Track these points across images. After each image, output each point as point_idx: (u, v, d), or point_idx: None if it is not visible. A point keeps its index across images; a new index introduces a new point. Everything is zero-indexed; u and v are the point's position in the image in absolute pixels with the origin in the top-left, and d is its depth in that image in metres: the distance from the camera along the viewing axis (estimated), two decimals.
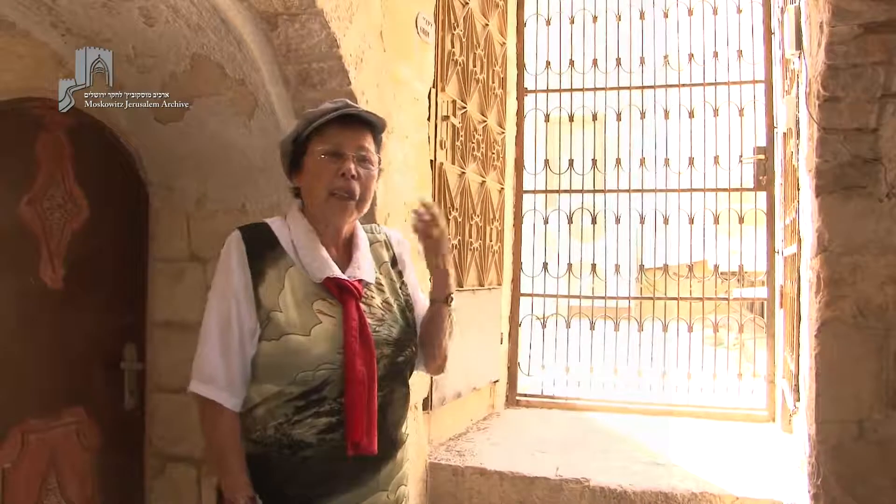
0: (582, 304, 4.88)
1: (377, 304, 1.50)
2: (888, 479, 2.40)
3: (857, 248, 2.48)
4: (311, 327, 1.38)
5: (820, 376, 2.52)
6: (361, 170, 1.46)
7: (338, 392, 1.37)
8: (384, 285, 1.55)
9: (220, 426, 1.40)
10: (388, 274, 1.58)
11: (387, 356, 1.45)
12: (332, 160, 1.44)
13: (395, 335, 1.49)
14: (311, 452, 1.37)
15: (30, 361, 2.31)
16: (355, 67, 2.49)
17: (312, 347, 1.36)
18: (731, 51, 4.45)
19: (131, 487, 2.74)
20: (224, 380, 1.39)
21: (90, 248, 2.50)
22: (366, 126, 1.50)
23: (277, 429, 1.37)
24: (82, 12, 2.21)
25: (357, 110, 1.48)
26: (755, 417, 4.17)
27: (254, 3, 2.26)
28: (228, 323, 1.38)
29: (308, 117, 1.49)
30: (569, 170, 4.76)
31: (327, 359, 1.37)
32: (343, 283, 1.43)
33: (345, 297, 1.42)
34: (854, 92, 2.39)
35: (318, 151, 1.45)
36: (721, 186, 4.52)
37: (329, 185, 1.43)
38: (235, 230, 1.45)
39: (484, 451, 3.43)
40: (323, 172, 1.44)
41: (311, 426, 1.36)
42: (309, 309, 1.40)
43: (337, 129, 1.46)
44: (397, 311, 1.54)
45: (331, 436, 1.37)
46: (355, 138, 1.47)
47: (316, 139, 1.46)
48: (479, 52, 3.82)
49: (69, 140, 2.43)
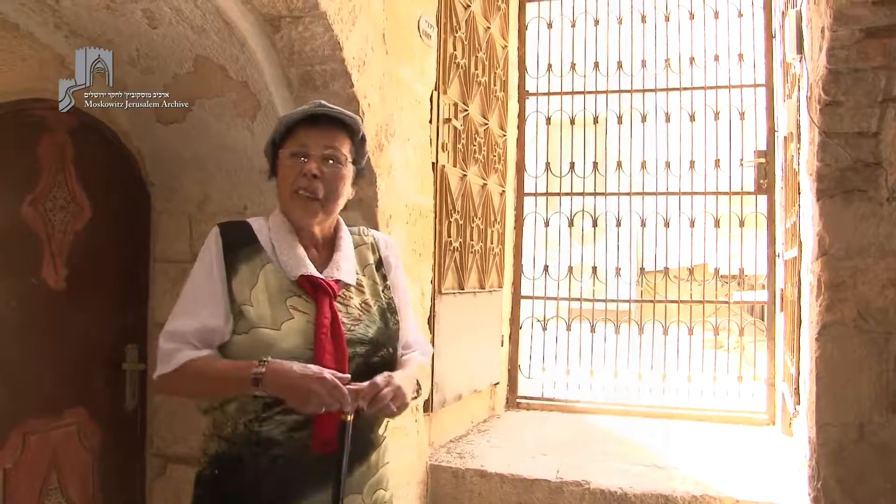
0: (582, 306, 4.89)
1: (355, 305, 1.49)
2: (888, 483, 2.41)
3: (858, 251, 2.48)
4: (281, 322, 1.38)
5: (820, 379, 2.53)
6: (326, 169, 1.46)
7: None
8: (365, 287, 1.54)
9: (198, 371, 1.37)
10: (372, 276, 1.58)
11: (360, 355, 1.44)
12: (296, 160, 1.46)
13: (370, 335, 1.48)
14: (280, 451, 1.35)
15: (31, 362, 2.31)
16: (358, 70, 2.50)
17: (281, 342, 1.36)
18: (732, 54, 4.46)
19: (132, 488, 2.74)
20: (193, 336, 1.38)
21: (92, 249, 2.50)
22: (337, 125, 1.50)
23: (247, 426, 1.37)
24: (86, 14, 2.21)
25: (325, 109, 1.48)
26: (755, 420, 4.18)
27: (257, 5, 2.27)
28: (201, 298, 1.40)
29: (282, 120, 1.51)
30: (570, 172, 4.76)
31: (296, 354, 1.35)
32: (317, 281, 1.44)
33: (318, 294, 1.43)
34: (855, 96, 2.39)
35: (285, 153, 1.48)
36: (722, 190, 4.52)
37: (292, 185, 1.45)
38: (215, 226, 1.47)
39: (484, 452, 3.43)
40: (288, 172, 1.46)
41: (279, 423, 1.35)
42: (282, 305, 1.40)
43: (305, 129, 1.48)
44: (376, 312, 1.53)
45: (299, 434, 1.36)
46: (322, 137, 1.47)
47: (286, 142, 1.49)
48: (480, 55, 3.83)
49: (72, 141, 2.43)
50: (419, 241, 3.09)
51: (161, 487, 2.79)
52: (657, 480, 3.04)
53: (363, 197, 2.64)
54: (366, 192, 2.64)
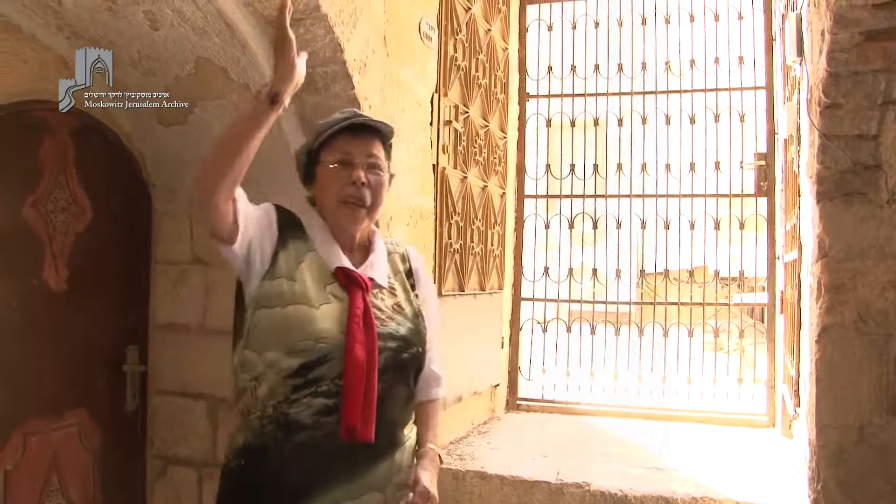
0: (583, 308, 4.88)
1: (388, 305, 1.54)
2: (888, 485, 2.41)
3: (858, 254, 2.48)
4: (320, 304, 1.43)
5: (820, 381, 2.53)
6: (371, 176, 1.51)
7: (337, 373, 1.39)
8: (397, 290, 1.59)
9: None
10: (403, 283, 1.62)
11: (390, 349, 1.47)
12: (341, 169, 1.50)
13: (402, 332, 1.52)
14: (305, 437, 1.37)
15: (32, 363, 2.32)
16: (359, 72, 2.50)
17: (318, 320, 1.40)
18: (732, 57, 4.46)
19: (132, 489, 2.74)
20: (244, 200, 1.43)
21: (93, 251, 2.51)
22: (374, 134, 1.55)
23: (276, 408, 1.38)
24: (88, 16, 2.22)
25: (365, 119, 1.53)
26: (755, 422, 4.17)
27: (258, 7, 2.27)
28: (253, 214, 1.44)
29: (318, 129, 1.54)
30: (570, 175, 4.76)
31: (329, 334, 1.39)
32: (351, 274, 1.49)
33: (352, 287, 1.47)
34: (855, 99, 2.40)
35: (329, 161, 1.51)
36: (722, 192, 4.52)
37: (339, 194, 1.50)
38: (267, 202, 1.52)
39: (485, 454, 3.43)
40: (333, 181, 1.50)
41: (307, 406, 1.38)
42: (322, 288, 1.45)
43: (346, 138, 1.52)
44: (409, 313, 1.57)
45: (326, 419, 1.38)
46: (364, 146, 1.52)
47: (326, 149, 1.53)
48: (481, 57, 3.83)
49: (73, 143, 2.44)
50: (420, 243, 3.09)
51: (161, 488, 2.79)
52: (657, 482, 3.04)
53: None
54: None
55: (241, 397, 1.46)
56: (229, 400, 2.74)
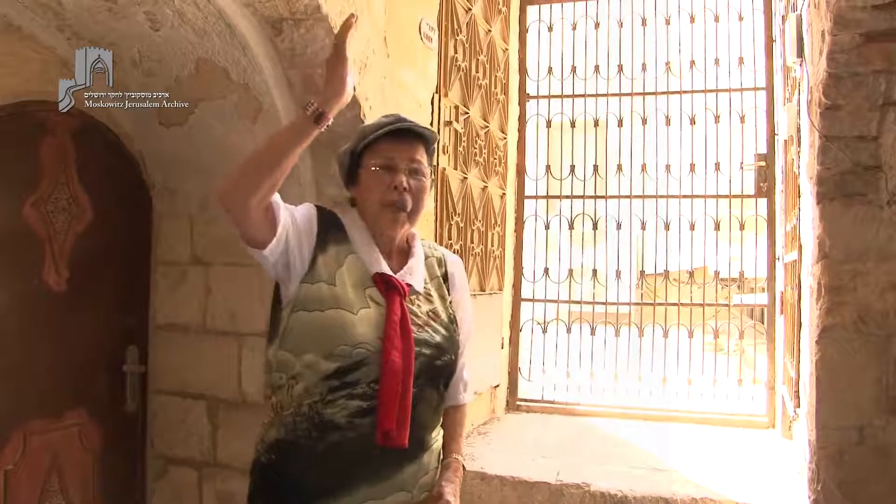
0: (583, 309, 4.88)
1: (423, 312, 1.55)
2: (888, 486, 2.41)
3: (858, 255, 2.49)
4: (359, 308, 1.43)
5: (820, 382, 2.53)
6: (413, 181, 1.52)
7: (373, 377, 1.39)
8: (433, 297, 1.60)
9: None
10: (439, 288, 1.63)
11: (425, 355, 1.48)
12: (384, 173, 1.51)
13: (437, 340, 1.52)
14: (338, 437, 1.38)
15: (32, 363, 2.32)
16: (359, 73, 2.50)
17: (357, 325, 1.41)
18: (732, 58, 4.46)
19: (133, 490, 2.74)
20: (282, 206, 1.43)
21: (93, 251, 2.51)
22: (417, 138, 1.56)
23: (311, 407, 1.39)
24: (88, 16, 2.22)
25: (410, 124, 1.53)
26: (755, 423, 4.17)
27: (259, 8, 2.28)
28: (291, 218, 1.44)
29: (363, 132, 1.55)
30: (570, 175, 4.76)
31: (367, 339, 1.40)
32: (390, 280, 1.49)
33: (390, 292, 1.48)
34: (855, 100, 2.40)
35: (372, 164, 1.52)
36: (722, 193, 4.52)
37: (382, 198, 1.50)
38: (309, 203, 1.53)
39: (485, 455, 3.43)
40: (376, 185, 1.51)
41: (343, 407, 1.38)
42: (361, 292, 1.46)
43: (389, 142, 1.52)
44: (444, 320, 1.58)
45: (360, 420, 1.38)
46: (407, 151, 1.53)
47: (369, 153, 1.53)
48: (481, 57, 3.83)
49: (73, 143, 2.44)
50: None
51: (162, 489, 2.79)
52: (657, 483, 3.04)
53: None
54: None
55: (275, 393, 1.46)
56: (229, 400, 2.74)
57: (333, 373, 1.38)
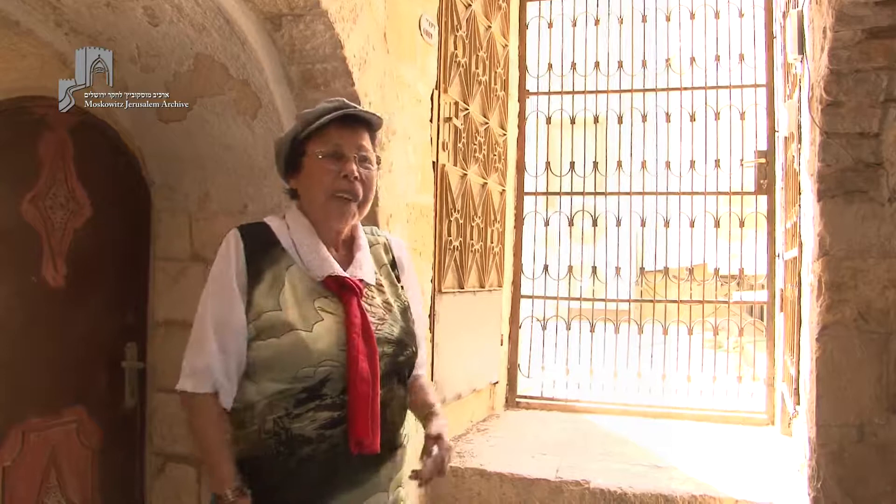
0: (582, 306, 4.89)
1: (378, 304, 1.48)
2: (888, 483, 2.41)
3: (859, 252, 2.48)
4: (312, 323, 1.36)
5: (820, 380, 2.53)
6: (363, 170, 1.45)
7: (340, 389, 1.34)
8: (385, 286, 1.53)
9: (211, 422, 1.37)
10: (389, 276, 1.56)
11: (388, 354, 1.43)
12: (332, 161, 1.43)
13: (396, 334, 1.47)
14: (309, 451, 1.33)
15: (31, 360, 2.31)
16: (359, 69, 2.49)
17: (314, 343, 1.34)
18: (732, 54, 4.46)
19: (131, 486, 2.74)
20: (221, 374, 1.37)
21: (92, 247, 2.50)
22: (364, 125, 1.49)
23: (276, 422, 1.33)
24: (86, 11, 2.21)
25: (356, 110, 1.46)
26: (754, 421, 4.18)
27: (258, 3, 2.26)
28: (226, 321, 1.37)
29: (306, 117, 1.46)
30: (570, 172, 4.76)
31: (329, 355, 1.35)
32: (344, 281, 1.42)
33: (346, 294, 1.41)
34: (857, 97, 2.39)
35: (318, 153, 1.43)
36: (722, 190, 4.52)
37: (330, 187, 1.42)
38: (234, 229, 1.44)
39: (484, 452, 3.43)
40: (323, 174, 1.42)
41: (311, 420, 1.33)
42: (310, 306, 1.38)
43: (336, 129, 1.44)
44: (398, 311, 1.52)
45: (331, 431, 1.34)
46: (355, 138, 1.45)
47: (315, 140, 1.44)
48: (481, 54, 3.82)
49: (72, 139, 2.43)
50: (419, 240, 3.09)
51: (160, 486, 2.78)
52: (657, 480, 3.04)
53: None
54: None
55: (233, 411, 1.39)
56: None
57: (300, 391, 1.33)
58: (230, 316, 1.37)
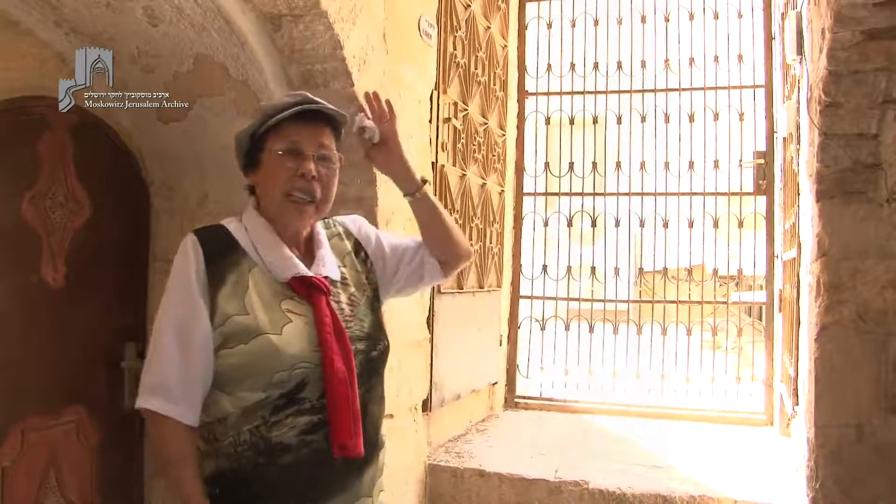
0: (581, 306, 4.89)
1: (345, 301, 1.43)
2: (887, 484, 2.41)
3: (857, 253, 2.49)
4: (281, 326, 1.30)
5: (819, 380, 2.53)
6: (322, 169, 1.38)
7: (318, 393, 1.29)
8: (349, 279, 1.47)
9: (174, 440, 1.30)
10: (353, 266, 1.50)
11: (361, 351, 1.38)
12: (290, 159, 1.35)
13: (366, 330, 1.42)
14: (290, 459, 1.27)
15: (30, 359, 2.31)
16: (358, 69, 2.50)
17: (286, 346, 1.28)
18: (731, 55, 4.46)
19: (130, 486, 2.74)
20: (181, 391, 1.28)
21: (91, 247, 2.50)
22: (326, 121, 1.42)
23: (253, 432, 1.27)
24: (86, 11, 2.21)
25: (318, 105, 1.39)
26: (753, 421, 4.18)
27: (258, 3, 2.27)
28: (190, 330, 1.29)
29: (265, 111, 1.39)
30: (569, 173, 4.76)
31: (303, 357, 1.29)
32: (310, 281, 1.36)
33: (313, 294, 1.35)
34: (855, 98, 2.39)
35: (276, 149, 1.36)
36: (721, 190, 4.53)
37: (286, 186, 1.35)
38: (190, 233, 1.36)
39: (483, 452, 3.43)
40: (280, 172, 1.35)
41: (290, 427, 1.27)
42: (277, 308, 1.32)
43: (296, 125, 1.37)
44: (365, 304, 1.46)
45: (312, 437, 1.28)
46: (315, 135, 1.38)
47: (273, 135, 1.37)
48: (480, 54, 3.83)
49: (72, 139, 2.43)
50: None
51: (160, 485, 2.78)
52: (656, 480, 3.05)
53: (363, 196, 2.64)
54: (366, 192, 2.64)
55: (203, 426, 1.32)
56: None
57: (276, 398, 1.27)
58: (194, 323, 1.29)
